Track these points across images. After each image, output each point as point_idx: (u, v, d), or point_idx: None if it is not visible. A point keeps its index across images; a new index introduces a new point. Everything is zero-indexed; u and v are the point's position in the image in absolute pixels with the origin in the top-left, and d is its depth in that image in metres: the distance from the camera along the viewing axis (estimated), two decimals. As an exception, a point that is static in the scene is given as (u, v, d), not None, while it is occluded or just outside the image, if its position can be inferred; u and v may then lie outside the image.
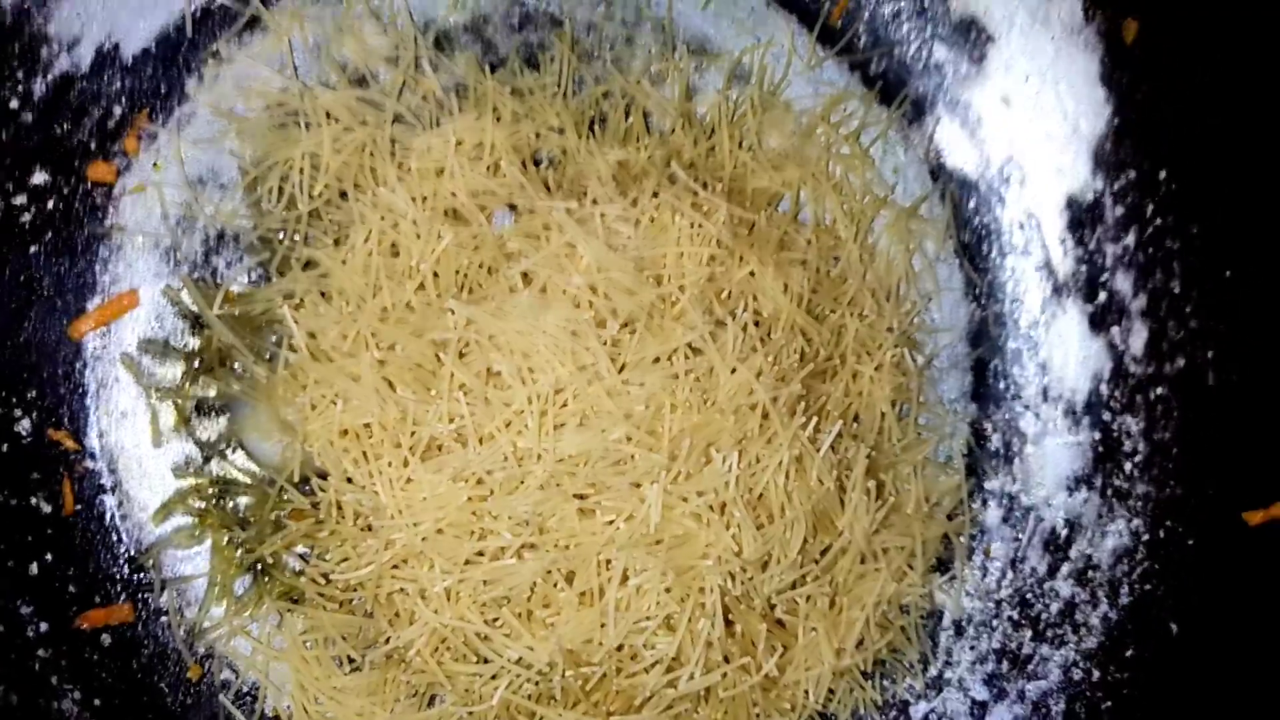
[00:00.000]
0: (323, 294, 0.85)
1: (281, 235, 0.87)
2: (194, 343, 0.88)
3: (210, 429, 0.88)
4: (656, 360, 0.85)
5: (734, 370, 0.86)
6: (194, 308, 0.87)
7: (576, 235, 0.84)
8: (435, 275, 0.85)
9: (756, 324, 0.90)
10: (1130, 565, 0.93)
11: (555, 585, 0.85)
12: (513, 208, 0.87)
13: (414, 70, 0.89)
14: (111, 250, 0.88)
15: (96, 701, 0.85)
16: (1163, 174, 0.92)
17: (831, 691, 0.92)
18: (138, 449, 0.88)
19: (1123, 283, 0.95)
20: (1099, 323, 0.95)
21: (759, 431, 0.87)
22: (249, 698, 0.88)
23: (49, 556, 0.86)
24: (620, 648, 0.86)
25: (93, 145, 0.87)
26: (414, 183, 0.86)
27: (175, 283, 0.88)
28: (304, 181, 0.85)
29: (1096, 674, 0.92)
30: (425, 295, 0.84)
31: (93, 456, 0.87)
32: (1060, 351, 0.96)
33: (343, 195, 0.86)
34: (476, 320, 0.83)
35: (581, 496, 0.84)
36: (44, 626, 0.85)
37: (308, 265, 0.86)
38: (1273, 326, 0.88)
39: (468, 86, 0.90)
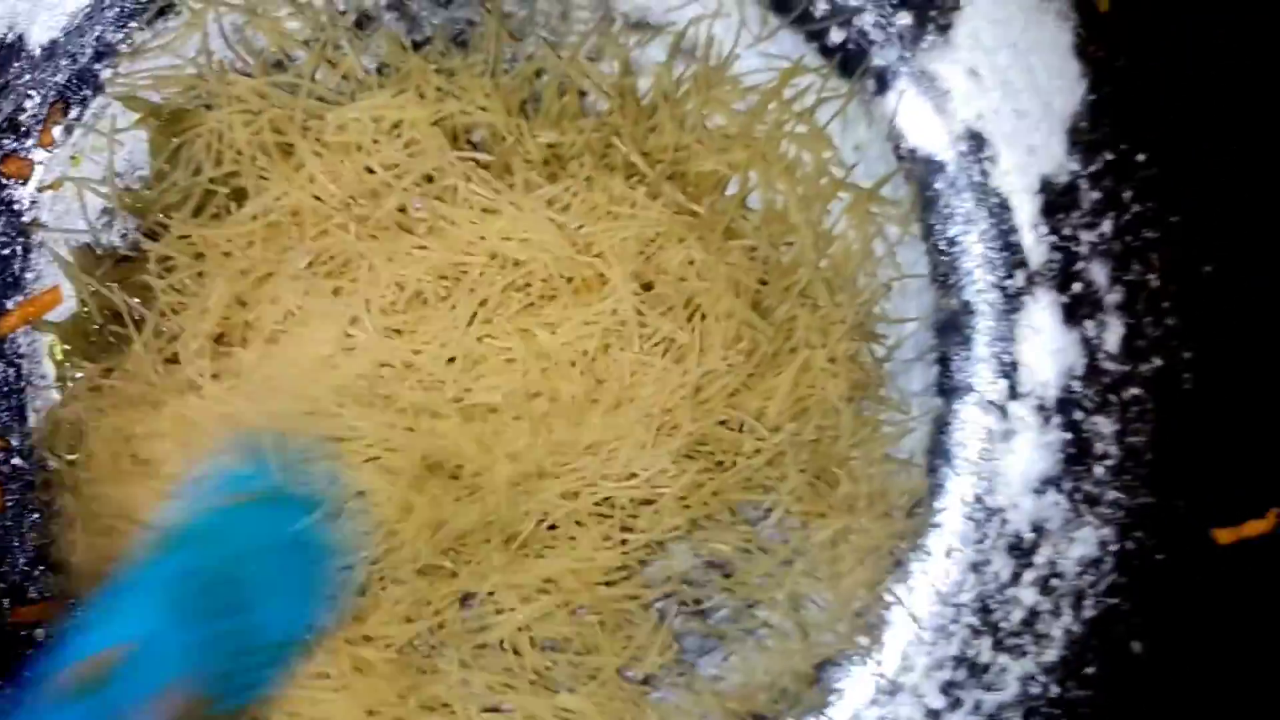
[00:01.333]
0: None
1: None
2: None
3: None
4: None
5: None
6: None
7: (493, 200, 0.80)
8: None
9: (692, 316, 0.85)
10: (1096, 576, 0.87)
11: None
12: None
13: (333, 51, 0.85)
14: (33, 246, 0.87)
15: None
16: (1141, 156, 0.84)
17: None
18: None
19: (1098, 273, 0.87)
20: (1073, 315, 0.88)
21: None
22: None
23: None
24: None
25: (5, 141, 0.86)
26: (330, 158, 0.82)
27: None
28: (211, 155, 0.82)
29: (1055, 690, 0.87)
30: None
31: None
32: (1032, 345, 0.89)
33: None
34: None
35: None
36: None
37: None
38: (1254, 328, 0.80)
39: (391, 66, 0.86)
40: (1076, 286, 0.88)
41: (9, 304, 0.86)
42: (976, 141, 0.89)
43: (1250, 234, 0.80)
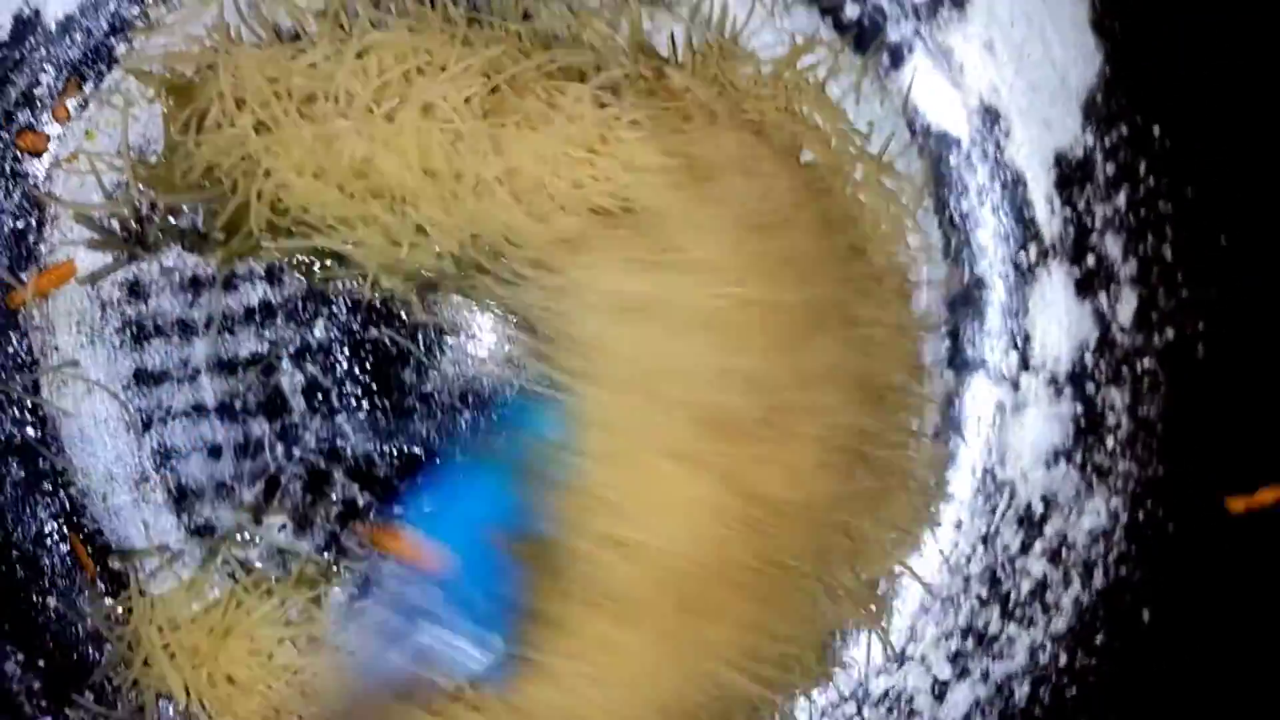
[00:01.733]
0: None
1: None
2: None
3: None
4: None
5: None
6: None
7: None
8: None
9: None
10: (1106, 547, 0.87)
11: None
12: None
13: (349, 19, 0.84)
14: (48, 219, 0.87)
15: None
16: (1156, 130, 0.84)
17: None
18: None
19: (1112, 246, 0.87)
20: (1086, 288, 0.88)
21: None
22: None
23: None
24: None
25: (20, 115, 0.85)
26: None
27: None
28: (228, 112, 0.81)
29: (1064, 658, 0.87)
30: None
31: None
32: (1044, 317, 0.90)
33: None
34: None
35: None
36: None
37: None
38: (1268, 300, 0.81)
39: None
40: (1090, 260, 0.88)
41: (24, 276, 0.86)
42: (991, 116, 0.89)
43: (1265, 206, 0.80)
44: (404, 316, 0.87)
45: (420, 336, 0.87)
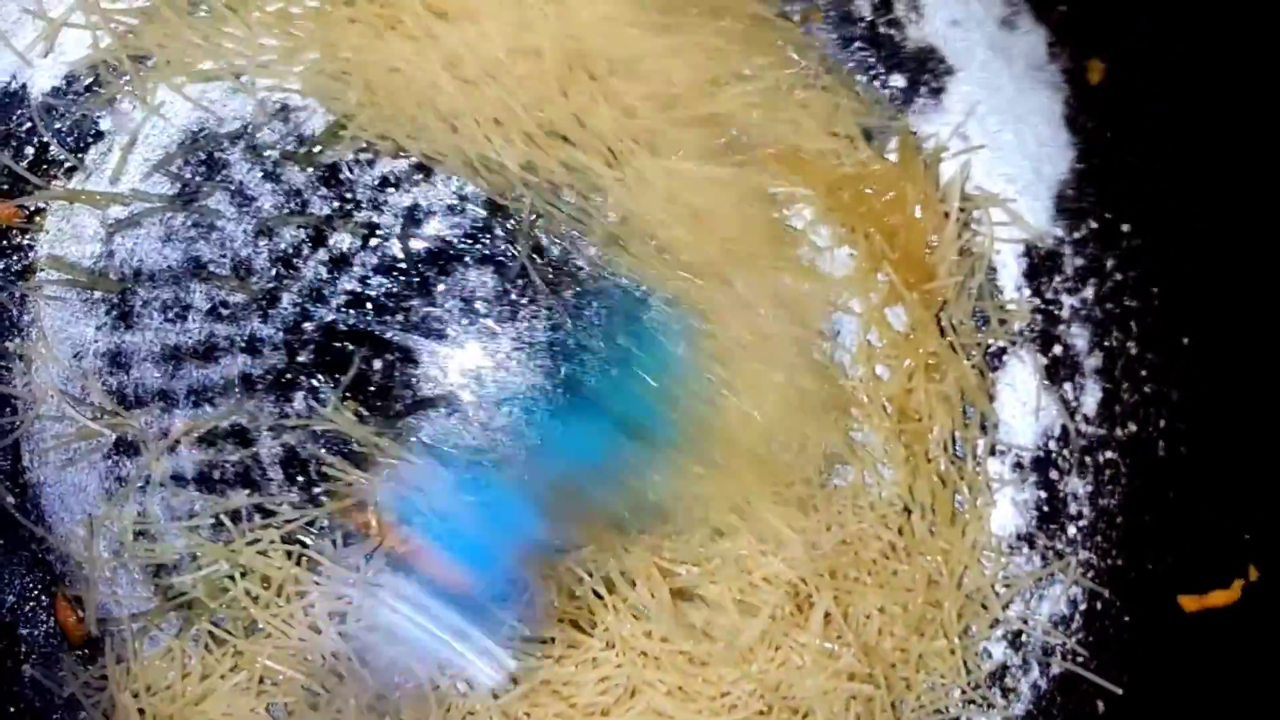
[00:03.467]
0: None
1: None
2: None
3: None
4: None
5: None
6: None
7: None
8: None
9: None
10: (1065, 634, 0.89)
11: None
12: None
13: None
14: (31, 289, 0.88)
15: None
16: (1125, 227, 0.85)
17: None
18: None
19: (1079, 338, 0.89)
20: (1053, 376, 0.90)
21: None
22: None
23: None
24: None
25: (4, 186, 0.87)
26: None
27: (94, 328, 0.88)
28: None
29: (1020, 743, 0.89)
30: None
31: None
32: (1012, 403, 0.91)
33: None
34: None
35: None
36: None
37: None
38: (1228, 402, 0.82)
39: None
40: (1057, 349, 0.89)
41: (9, 345, 0.87)
42: (964, 202, 0.90)
43: (1229, 309, 0.82)
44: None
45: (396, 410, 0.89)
